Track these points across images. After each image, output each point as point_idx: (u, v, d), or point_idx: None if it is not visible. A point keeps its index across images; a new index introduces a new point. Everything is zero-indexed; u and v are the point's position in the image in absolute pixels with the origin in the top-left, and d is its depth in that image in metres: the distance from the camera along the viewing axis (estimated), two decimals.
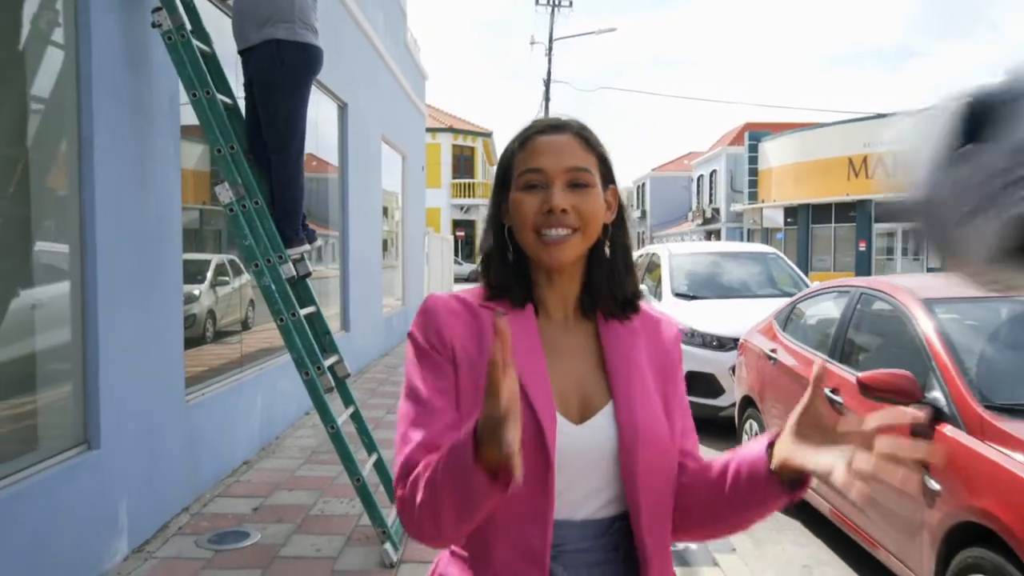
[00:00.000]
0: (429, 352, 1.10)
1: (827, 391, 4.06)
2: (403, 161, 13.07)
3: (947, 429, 3.09)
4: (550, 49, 26.81)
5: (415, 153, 14.10)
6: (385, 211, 11.23)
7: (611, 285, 1.18)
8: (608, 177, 1.18)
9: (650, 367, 1.19)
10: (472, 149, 38.28)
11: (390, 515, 3.97)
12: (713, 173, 41.38)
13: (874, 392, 3.35)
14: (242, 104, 4.19)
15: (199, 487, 4.59)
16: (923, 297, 3.70)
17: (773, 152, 34.17)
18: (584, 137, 1.17)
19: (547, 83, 26.69)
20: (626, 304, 1.21)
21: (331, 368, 3.99)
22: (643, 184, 55.18)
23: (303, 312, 3.92)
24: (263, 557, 3.76)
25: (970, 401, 3.06)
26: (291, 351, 3.75)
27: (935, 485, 3.04)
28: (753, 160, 35.54)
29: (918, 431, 3.24)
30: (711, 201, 41.52)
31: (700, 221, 42.03)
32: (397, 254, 13.07)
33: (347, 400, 4.22)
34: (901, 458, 0.89)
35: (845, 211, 30.20)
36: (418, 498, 0.97)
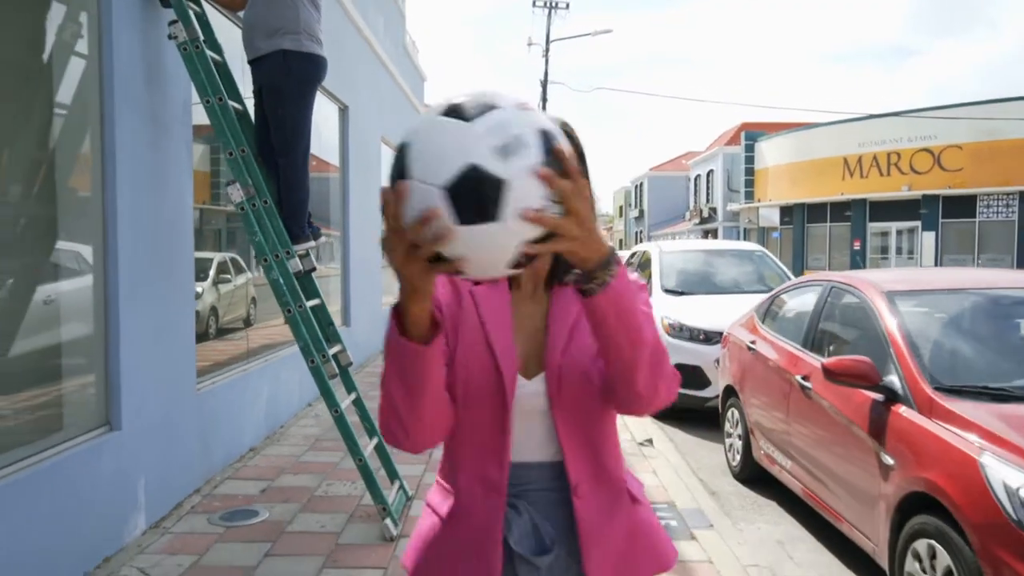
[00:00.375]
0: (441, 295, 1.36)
1: (799, 378, 4.36)
2: None
3: (901, 409, 3.37)
4: (547, 50, 27.09)
5: None
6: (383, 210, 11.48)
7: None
8: None
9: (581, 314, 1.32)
10: None
11: (390, 494, 4.25)
12: (710, 173, 41.65)
13: (836, 377, 3.64)
14: (250, 109, 4.46)
15: (210, 470, 4.86)
16: (886, 290, 3.98)
17: (769, 152, 34.44)
18: None
19: (544, 84, 26.97)
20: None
21: (335, 356, 4.26)
22: (641, 183, 55.42)
23: (309, 304, 4.19)
24: (271, 532, 4.03)
25: (921, 384, 3.34)
26: (298, 340, 4.02)
27: (889, 460, 3.32)
28: (749, 160, 35.80)
29: (876, 412, 3.52)
30: (708, 200, 41.77)
31: (697, 220, 42.28)
32: None
33: (349, 387, 4.50)
34: None
35: (840, 210, 30.45)
36: (381, 400, 1.22)
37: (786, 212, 33.15)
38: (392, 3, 11.93)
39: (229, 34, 4.73)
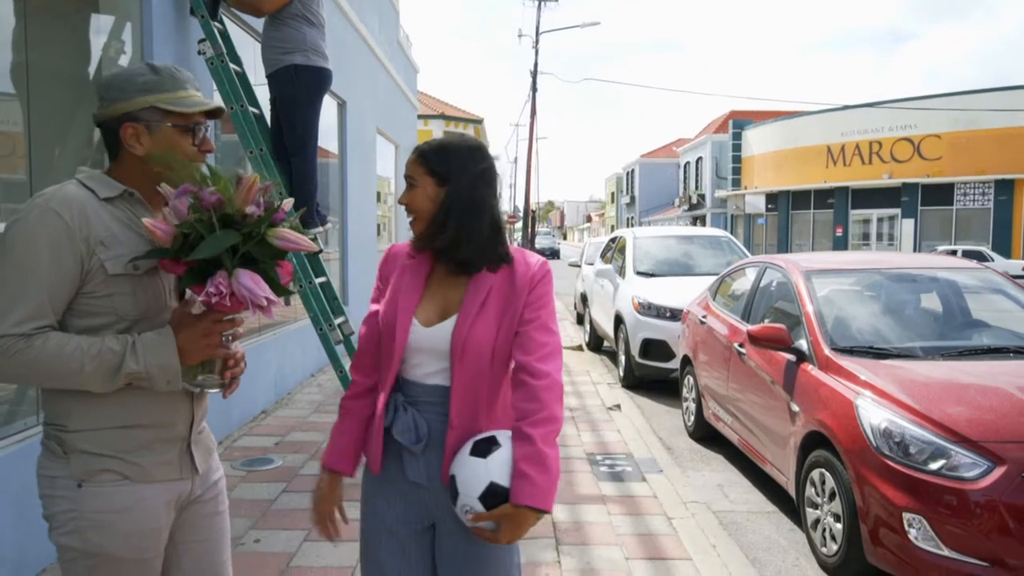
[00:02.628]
0: (379, 280, 1.90)
1: (736, 345, 5.10)
2: (396, 151, 14.00)
3: (808, 367, 4.12)
4: (536, 42, 27.68)
5: (407, 143, 15.03)
6: (378, 196, 12.16)
7: (451, 255, 1.77)
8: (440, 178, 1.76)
9: (499, 299, 1.75)
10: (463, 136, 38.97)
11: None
12: (699, 160, 42.30)
13: (759, 341, 4.38)
14: (267, 114, 5.14)
15: (229, 427, 5.59)
16: (804, 269, 4.72)
17: (756, 140, 35.09)
18: (417, 155, 1.79)
19: (534, 75, 27.59)
20: (466, 266, 1.77)
21: (339, 326, 4.98)
22: (632, 170, 56.04)
23: (317, 281, 4.90)
24: (287, 475, 4.76)
25: (822, 345, 4.08)
26: (308, 311, 4.73)
27: (796, 408, 4.07)
28: (737, 148, 36.47)
29: (789, 369, 4.26)
30: (697, 187, 42.46)
31: (687, 207, 43.00)
32: (390, 237, 14.02)
33: (351, 353, 5.22)
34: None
35: (823, 198, 31.21)
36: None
37: (771, 199, 33.87)
38: (387, 2, 12.57)
39: (245, 48, 5.41)
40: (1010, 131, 25.08)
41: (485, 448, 1.66)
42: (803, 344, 4.22)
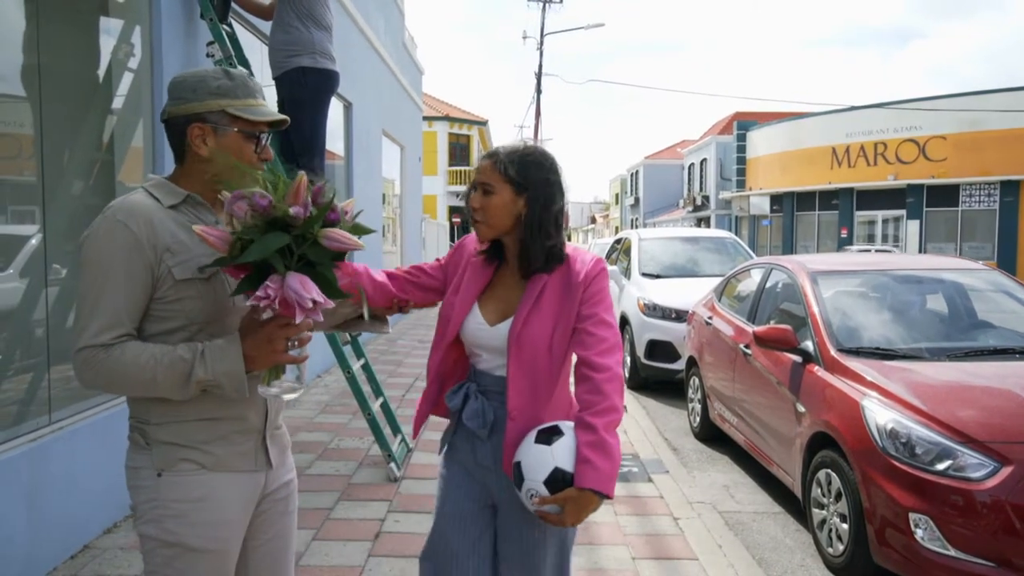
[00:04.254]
0: (449, 258, 2.06)
1: (742, 346, 5.11)
2: (401, 152, 14.04)
3: (814, 368, 4.13)
4: (541, 44, 27.72)
5: (412, 144, 15.07)
6: (384, 198, 12.19)
7: (524, 260, 1.89)
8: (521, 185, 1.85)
9: (554, 297, 1.85)
10: (468, 137, 39.05)
11: (394, 445, 4.99)
12: (704, 161, 42.25)
13: (764, 342, 4.39)
14: None
15: None
16: (811, 270, 4.73)
17: (761, 141, 35.05)
18: (494, 161, 1.87)
19: (538, 77, 27.63)
20: (545, 263, 1.87)
21: None
22: (636, 172, 56.02)
23: None
24: None
25: (828, 346, 4.09)
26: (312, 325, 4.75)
27: (802, 408, 4.08)
28: (741, 149, 36.42)
29: (795, 370, 4.27)
30: (702, 189, 42.42)
31: (691, 208, 42.96)
32: (395, 240, 14.06)
33: (359, 354, 5.24)
34: None
35: (828, 199, 31.15)
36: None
37: (776, 200, 33.80)
38: (392, 4, 12.61)
39: (253, 50, 5.44)
40: (1015, 132, 25.00)
41: (548, 436, 1.76)
42: (809, 345, 4.23)
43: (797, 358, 4.28)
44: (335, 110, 8.98)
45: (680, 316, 7.65)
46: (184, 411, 1.65)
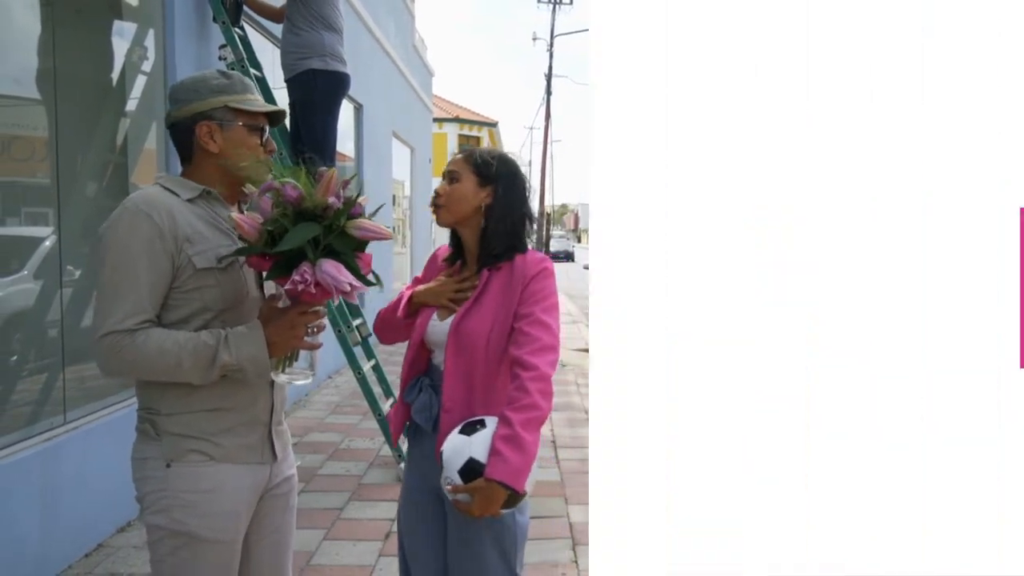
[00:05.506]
0: (424, 273, 2.13)
1: None
2: (411, 154, 14.08)
3: None
4: (551, 45, 27.74)
5: (422, 146, 15.11)
6: (394, 199, 12.23)
7: (485, 247, 1.96)
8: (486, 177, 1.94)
9: (495, 294, 1.90)
10: (478, 139, 39.06)
11: (404, 444, 5.01)
12: None
13: None
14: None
15: None
16: None
17: None
18: (466, 155, 1.99)
19: (548, 78, 27.66)
20: (495, 257, 1.93)
21: (357, 327, 5.02)
22: None
23: None
24: (304, 475, 4.79)
25: None
26: (327, 313, 4.78)
27: None
28: None
29: None
30: None
31: None
32: (405, 241, 14.10)
33: (369, 355, 5.26)
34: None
35: None
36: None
37: None
38: (403, 6, 12.66)
39: (264, 53, 5.48)
40: None
41: (472, 428, 1.80)
42: None
43: None
44: (346, 112, 9.02)
45: None
46: (192, 402, 1.70)
